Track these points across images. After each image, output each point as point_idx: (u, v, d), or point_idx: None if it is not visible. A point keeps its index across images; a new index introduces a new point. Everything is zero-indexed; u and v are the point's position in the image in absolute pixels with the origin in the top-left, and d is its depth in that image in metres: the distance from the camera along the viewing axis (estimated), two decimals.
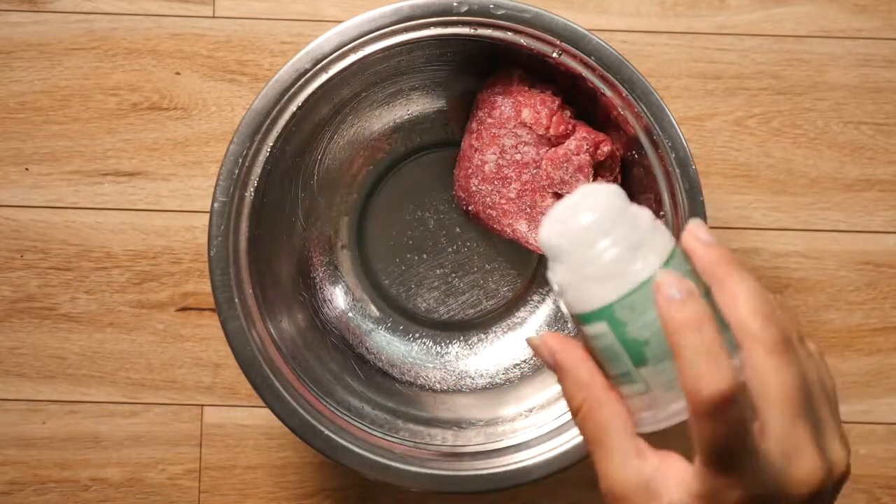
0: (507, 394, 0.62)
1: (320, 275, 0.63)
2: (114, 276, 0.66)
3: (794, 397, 0.36)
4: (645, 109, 0.54)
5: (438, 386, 0.63)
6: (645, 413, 0.38)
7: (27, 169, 0.66)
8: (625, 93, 0.54)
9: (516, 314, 0.64)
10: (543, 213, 0.58)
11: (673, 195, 0.55)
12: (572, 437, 0.55)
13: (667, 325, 0.36)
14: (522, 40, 0.55)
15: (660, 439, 0.39)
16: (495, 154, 0.58)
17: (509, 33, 0.55)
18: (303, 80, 0.54)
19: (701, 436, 0.35)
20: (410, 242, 0.64)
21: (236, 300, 0.54)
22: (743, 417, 0.35)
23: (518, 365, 0.63)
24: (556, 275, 0.39)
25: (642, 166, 0.56)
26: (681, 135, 0.54)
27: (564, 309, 0.39)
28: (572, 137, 0.57)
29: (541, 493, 0.66)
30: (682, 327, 0.35)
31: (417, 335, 0.64)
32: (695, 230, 0.39)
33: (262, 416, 0.65)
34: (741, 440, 0.35)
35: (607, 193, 0.38)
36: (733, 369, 0.35)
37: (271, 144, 0.55)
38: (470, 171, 0.59)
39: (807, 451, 0.36)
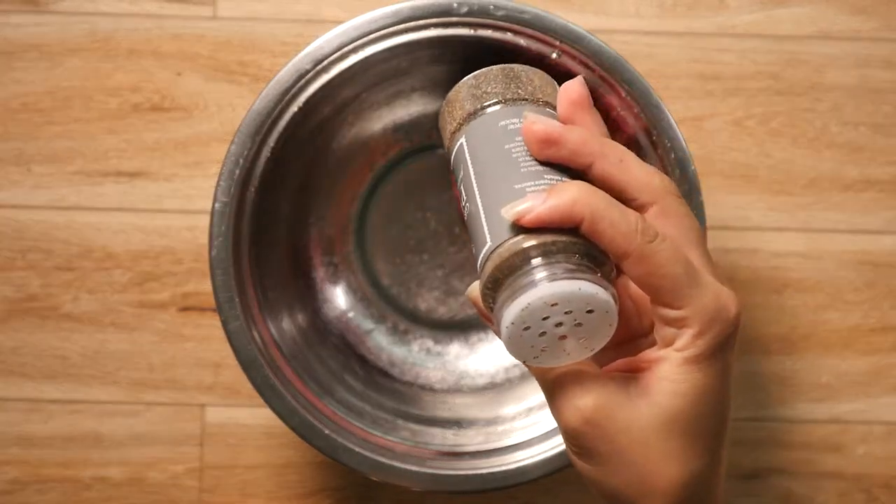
0: (507, 393, 0.62)
1: (320, 275, 0.63)
2: (115, 276, 0.66)
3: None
4: (644, 110, 0.54)
5: (438, 386, 0.63)
6: None
7: (29, 169, 0.66)
8: (624, 93, 0.54)
9: None
10: None
11: None
12: None
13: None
14: (522, 41, 0.55)
15: None
16: None
17: (509, 34, 0.55)
18: (303, 80, 0.55)
19: (652, 273, 0.38)
20: (411, 242, 0.64)
21: (237, 300, 0.54)
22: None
23: (518, 364, 0.63)
24: None
25: None
26: (680, 135, 0.54)
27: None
28: None
29: (540, 493, 0.66)
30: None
31: (417, 335, 0.64)
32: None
33: (263, 416, 0.65)
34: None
35: None
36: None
37: (272, 145, 0.55)
38: None
39: (726, 284, 0.40)
